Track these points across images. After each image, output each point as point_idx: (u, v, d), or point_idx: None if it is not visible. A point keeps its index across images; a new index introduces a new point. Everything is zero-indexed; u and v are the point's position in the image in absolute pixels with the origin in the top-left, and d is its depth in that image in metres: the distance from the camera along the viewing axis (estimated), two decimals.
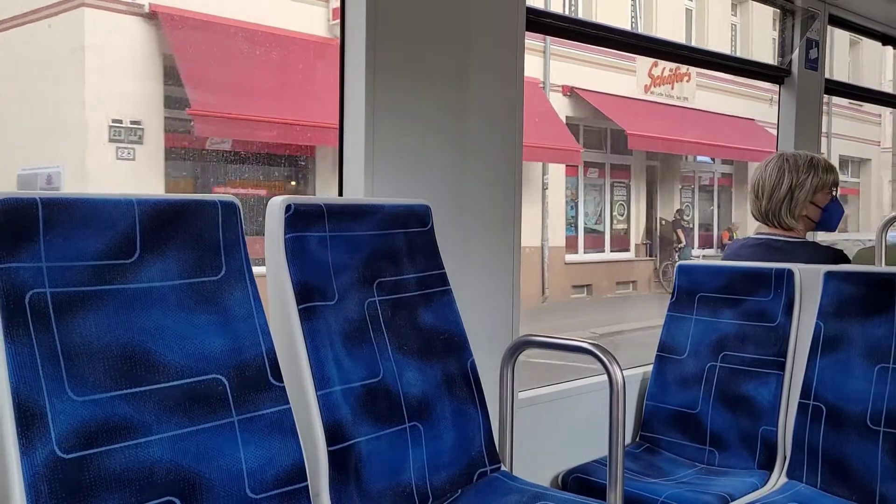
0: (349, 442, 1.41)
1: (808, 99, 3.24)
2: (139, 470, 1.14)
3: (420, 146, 1.83)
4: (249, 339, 1.33)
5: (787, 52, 3.18)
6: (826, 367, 1.85)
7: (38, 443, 1.07)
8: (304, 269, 1.45)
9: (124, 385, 1.17)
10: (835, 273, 1.90)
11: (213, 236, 1.34)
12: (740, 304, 2.08)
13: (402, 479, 1.48)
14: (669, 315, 2.20)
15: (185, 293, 1.29)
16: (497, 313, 1.98)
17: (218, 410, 1.25)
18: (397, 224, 1.63)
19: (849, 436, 1.78)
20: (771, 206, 2.30)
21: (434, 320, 1.64)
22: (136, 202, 1.26)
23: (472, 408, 1.64)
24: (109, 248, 1.22)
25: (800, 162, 2.30)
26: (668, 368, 2.17)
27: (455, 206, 1.90)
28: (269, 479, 1.27)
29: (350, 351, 1.48)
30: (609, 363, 1.54)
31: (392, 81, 1.76)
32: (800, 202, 2.28)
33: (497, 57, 1.97)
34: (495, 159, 1.97)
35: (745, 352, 2.05)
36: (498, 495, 1.55)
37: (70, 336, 1.14)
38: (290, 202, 1.46)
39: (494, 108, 1.96)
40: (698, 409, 2.08)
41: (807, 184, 2.28)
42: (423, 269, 1.65)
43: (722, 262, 2.28)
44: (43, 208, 1.16)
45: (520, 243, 2.03)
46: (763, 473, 1.92)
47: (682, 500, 1.76)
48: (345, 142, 1.77)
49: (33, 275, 1.13)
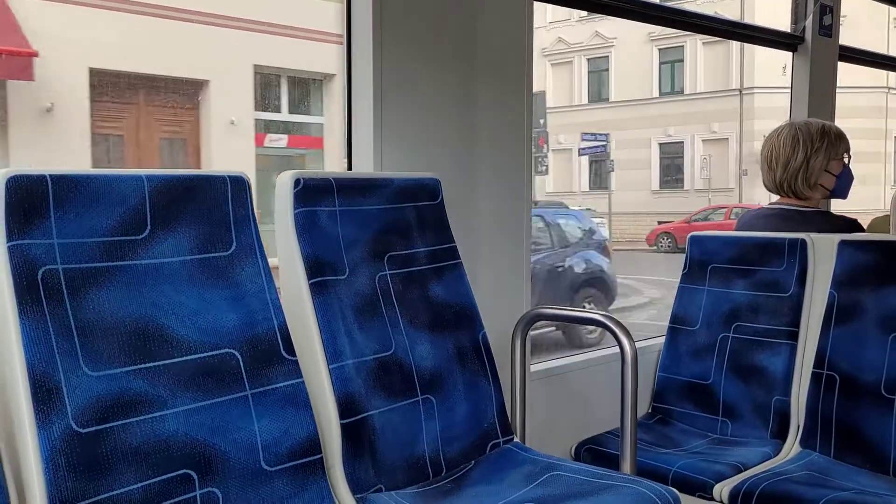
0: (362, 415, 1.42)
1: (821, 66, 3.19)
2: (155, 443, 1.16)
3: (429, 119, 1.82)
4: (262, 314, 1.33)
5: (801, 19, 3.13)
6: (840, 336, 1.84)
7: (55, 417, 1.08)
8: (314, 243, 1.45)
9: (138, 360, 1.18)
10: (849, 242, 1.89)
11: (223, 211, 1.34)
12: (753, 275, 2.07)
13: (415, 450, 1.49)
14: (682, 287, 2.19)
15: (196, 268, 1.29)
16: (508, 286, 1.98)
17: (231, 384, 1.26)
18: (407, 198, 1.62)
19: (863, 405, 1.77)
20: (787, 176, 2.28)
21: (445, 293, 1.64)
22: (145, 178, 1.26)
23: (484, 380, 1.64)
24: (120, 225, 1.23)
25: (812, 131, 2.28)
26: (680, 340, 2.17)
27: (465, 179, 1.89)
28: (284, 452, 1.29)
29: (362, 325, 1.48)
30: (621, 335, 1.54)
31: (400, 54, 1.75)
32: (815, 171, 2.27)
33: (505, 27, 1.95)
34: (505, 131, 1.96)
35: (758, 322, 2.04)
36: (511, 466, 1.56)
37: (83, 312, 1.15)
38: (300, 177, 1.46)
39: (503, 78, 1.95)
40: (711, 379, 2.08)
41: (821, 153, 2.27)
42: (433, 243, 1.65)
43: (734, 233, 2.26)
44: (53, 185, 1.16)
45: (530, 216, 2.02)
46: (776, 443, 1.92)
47: (695, 469, 1.77)
48: (353, 115, 1.76)
49: (45, 251, 1.14)
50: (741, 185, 24.01)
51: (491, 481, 1.51)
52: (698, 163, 24.73)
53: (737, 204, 21.12)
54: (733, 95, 24.47)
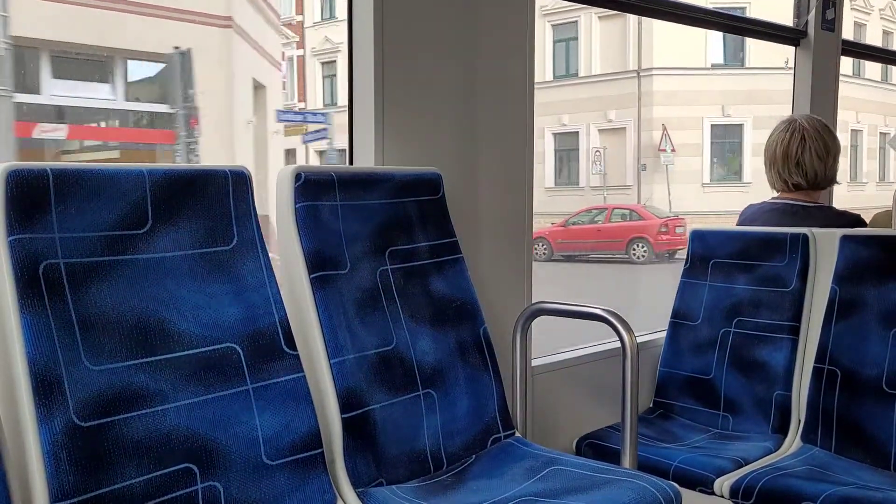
0: (363, 409, 1.42)
1: (824, 61, 3.18)
2: (156, 438, 1.16)
3: (430, 113, 1.81)
4: (263, 308, 1.33)
5: (803, 13, 3.12)
6: (841, 331, 1.84)
7: (56, 411, 1.08)
8: (315, 238, 1.45)
9: (140, 354, 1.18)
10: (851, 237, 1.88)
11: (224, 206, 1.34)
12: (755, 270, 2.07)
13: (416, 445, 1.49)
14: (683, 281, 2.19)
15: (197, 263, 1.29)
16: (510, 280, 1.98)
17: (233, 378, 1.26)
18: (408, 192, 1.62)
19: (864, 400, 1.77)
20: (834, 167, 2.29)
21: (446, 288, 1.64)
22: (146, 172, 1.26)
23: (485, 375, 1.64)
24: (121, 219, 1.22)
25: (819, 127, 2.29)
26: (681, 334, 2.16)
27: (466, 173, 1.88)
28: (285, 446, 1.29)
29: (363, 319, 1.48)
30: (623, 329, 1.53)
31: (401, 48, 1.74)
32: (832, 167, 2.30)
33: (506, 22, 1.94)
34: (506, 125, 1.96)
35: (760, 317, 2.04)
36: (512, 460, 1.56)
37: (84, 306, 1.15)
38: (301, 171, 1.45)
39: (504, 73, 1.94)
40: (712, 374, 2.08)
41: (839, 147, 2.31)
42: (434, 238, 1.65)
43: (737, 228, 2.26)
44: (54, 179, 1.16)
45: (531, 210, 2.02)
46: (777, 438, 1.92)
47: (695, 464, 1.77)
48: (354, 109, 1.76)
49: (46, 245, 1.14)
50: (640, 181, 21.32)
51: (492, 475, 1.51)
52: (591, 156, 21.86)
53: (620, 205, 18.07)
54: (630, 78, 21.55)
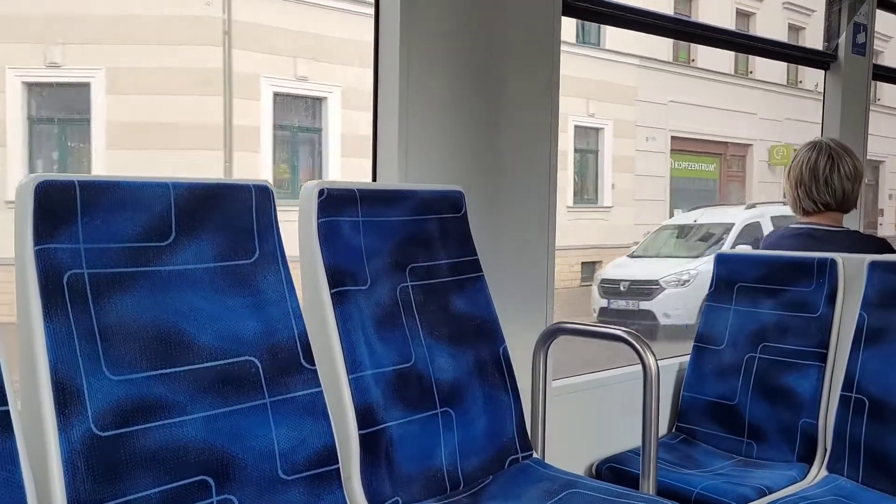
0: (380, 426, 1.42)
1: (854, 85, 3.15)
2: (173, 449, 1.16)
3: (454, 131, 1.82)
4: (282, 322, 1.34)
5: (834, 37, 3.10)
6: (869, 358, 1.80)
7: (75, 420, 1.09)
8: (336, 253, 1.46)
9: (159, 365, 1.19)
10: (879, 263, 1.85)
11: (246, 220, 1.35)
12: (781, 295, 2.04)
13: (433, 463, 1.48)
14: (708, 305, 2.16)
15: (218, 276, 1.30)
16: (530, 300, 1.97)
17: (250, 392, 1.26)
18: (430, 210, 1.62)
19: (892, 429, 1.73)
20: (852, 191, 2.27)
21: (466, 306, 1.63)
22: (171, 186, 1.27)
23: (504, 394, 1.63)
24: (146, 231, 1.24)
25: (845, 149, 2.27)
26: (705, 359, 2.13)
27: (489, 192, 1.88)
28: (301, 461, 1.28)
29: (382, 335, 1.48)
30: (644, 352, 1.52)
31: (426, 66, 1.75)
32: (857, 189, 2.29)
33: (532, 42, 1.95)
34: (530, 145, 1.96)
35: (786, 343, 2.00)
36: (529, 482, 1.54)
37: (107, 316, 1.16)
38: (324, 187, 1.46)
39: (530, 93, 1.94)
40: (736, 400, 2.05)
41: (863, 172, 2.30)
42: (455, 255, 1.65)
43: (762, 252, 2.23)
44: (81, 191, 1.18)
45: (555, 230, 2.01)
46: (802, 466, 1.88)
47: (718, 491, 1.73)
48: (378, 126, 1.77)
49: (71, 256, 1.15)
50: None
51: (509, 497, 1.49)
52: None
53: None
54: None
